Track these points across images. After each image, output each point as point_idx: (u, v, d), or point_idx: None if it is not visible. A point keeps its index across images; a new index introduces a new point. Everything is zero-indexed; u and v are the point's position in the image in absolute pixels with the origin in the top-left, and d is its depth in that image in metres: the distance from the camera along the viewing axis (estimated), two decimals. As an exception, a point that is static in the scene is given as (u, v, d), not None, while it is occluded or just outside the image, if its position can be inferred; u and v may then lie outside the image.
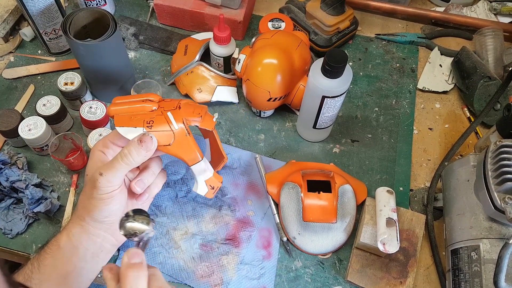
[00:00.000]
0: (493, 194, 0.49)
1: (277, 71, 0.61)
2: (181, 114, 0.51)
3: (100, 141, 0.49)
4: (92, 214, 0.46)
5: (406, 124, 0.72)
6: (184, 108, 0.52)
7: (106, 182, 0.45)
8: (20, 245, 0.58)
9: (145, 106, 0.50)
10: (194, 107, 0.54)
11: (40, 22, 0.70)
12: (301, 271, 0.58)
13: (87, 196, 0.46)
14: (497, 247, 0.49)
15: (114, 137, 0.49)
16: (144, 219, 0.42)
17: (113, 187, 0.45)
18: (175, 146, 0.49)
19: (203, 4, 0.76)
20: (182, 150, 0.50)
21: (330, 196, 0.58)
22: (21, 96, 0.71)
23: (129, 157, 0.45)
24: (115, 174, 0.45)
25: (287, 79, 0.63)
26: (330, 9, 0.74)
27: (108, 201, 0.46)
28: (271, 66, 0.61)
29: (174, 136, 0.49)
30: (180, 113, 0.51)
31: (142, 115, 0.49)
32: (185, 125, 0.50)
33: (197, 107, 0.54)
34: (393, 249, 0.51)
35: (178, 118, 0.50)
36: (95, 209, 0.46)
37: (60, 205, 0.60)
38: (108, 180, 0.45)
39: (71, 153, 0.64)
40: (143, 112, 0.50)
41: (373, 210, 0.57)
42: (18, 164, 0.60)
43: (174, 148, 0.50)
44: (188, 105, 0.53)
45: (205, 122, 0.54)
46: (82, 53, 0.62)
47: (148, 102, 0.51)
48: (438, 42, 0.81)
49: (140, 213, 0.42)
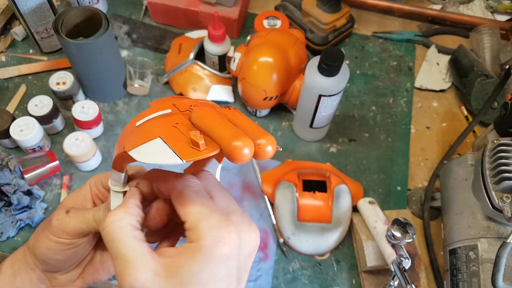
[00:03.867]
0: (491, 193, 0.49)
1: (273, 69, 0.61)
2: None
3: (97, 175, 0.37)
4: (34, 247, 0.36)
5: (403, 123, 0.71)
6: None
7: (63, 227, 0.33)
8: (12, 249, 0.57)
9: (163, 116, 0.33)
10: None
11: (31, 21, 0.69)
12: (298, 273, 0.57)
13: (42, 226, 0.35)
14: (495, 246, 0.49)
15: (106, 176, 0.36)
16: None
17: (66, 237, 0.34)
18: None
19: (197, 2, 0.75)
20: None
21: (325, 196, 0.57)
22: (13, 96, 0.70)
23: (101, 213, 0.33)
24: (78, 223, 0.33)
25: (283, 77, 0.62)
26: (326, 6, 0.73)
27: (53, 245, 0.34)
28: (267, 64, 0.60)
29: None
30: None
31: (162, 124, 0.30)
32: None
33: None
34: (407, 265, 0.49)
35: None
36: (39, 244, 0.35)
37: (44, 217, 0.59)
38: (66, 225, 0.33)
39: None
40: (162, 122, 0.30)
41: (364, 227, 0.56)
42: (10, 166, 0.59)
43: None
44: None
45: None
46: (74, 52, 0.61)
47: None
48: (435, 40, 0.81)
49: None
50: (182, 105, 0.31)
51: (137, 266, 0.26)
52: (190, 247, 0.27)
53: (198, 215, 0.28)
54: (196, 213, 0.28)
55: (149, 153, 0.26)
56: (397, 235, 0.48)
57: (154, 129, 0.27)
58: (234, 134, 0.26)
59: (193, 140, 0.25)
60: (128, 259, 0.27)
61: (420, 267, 0.55)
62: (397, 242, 0.50)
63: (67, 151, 0.59)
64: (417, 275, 0.55)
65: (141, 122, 0.29)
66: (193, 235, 0.27)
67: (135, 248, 0.27)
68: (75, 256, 0.36)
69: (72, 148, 0.59)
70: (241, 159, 0.25)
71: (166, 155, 0.25)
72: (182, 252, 0.27)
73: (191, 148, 0.25)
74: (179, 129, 0.27)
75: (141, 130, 0.28)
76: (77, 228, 0.33)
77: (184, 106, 0.31)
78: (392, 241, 0.50)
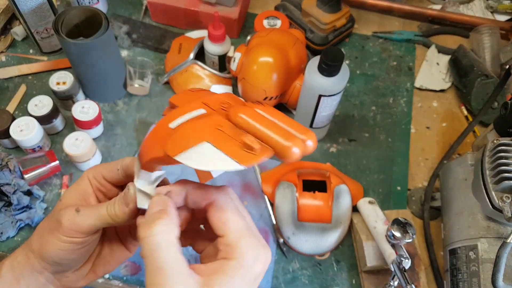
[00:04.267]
0: (490, 193, 0.49)
1: (273, 69, 0.61)
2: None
3: (94, 167, 0.36)
4: (43, 251, 0.35)
5: (403, 123, 0.71)
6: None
7: (75, 226, 0.33)
8: (12, 249, 0.57)
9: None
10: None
11: (31, 21, 0.69)
12: (298, 273, 0.57)
13: (48, 228, 0.35)
14: (495, 246, 0.49)
15: (107, 170, 0.36)
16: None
17: (79, 235, 0.34)
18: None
19: (198, 2, 0.75)
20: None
21: (325, 196, 0.57)
22: (13, 96, 0.70)
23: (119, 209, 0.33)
24: (91, 221, 0.33)
25: (283, 77, 0.62)
26: (326, 6, 0.73)
27: (66, 246, 0.34)
28: (267, 64, 0.60)
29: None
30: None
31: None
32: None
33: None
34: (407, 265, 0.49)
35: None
36: (49, 247, 0.34)
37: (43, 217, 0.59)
38: (78, 223, 0.33)
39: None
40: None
41: (364, 227, 0.56)
42: (10, 166, 0.59)
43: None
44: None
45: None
46: (74, 52, 0.61)
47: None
48: (435, 40, 0.81)
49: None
50: (212, 102, 0.30)
51: (178, 281, 0.26)
52: (229, 265, 0.28)
53: (238, 233, 0.29)
54: (236, 231, 0.29)
55: (201, 158, 0.25)
56: (397, 235, 0.48)
57: (197, 132, 0.27)
58: (285, 135, 0.26)
59: (247, 144, 0.25)
60: (169, 272, 0.26)
61: (420, 267, 0.55)
62: (397, 242, 0.50)
63: (67, 151, 0.59)
64: (417, 275, 0.55)
65: (177, 124, 0.28)
66: (233, 252, 0.28)
67: (178, 262, 0.27)
68: (87, 253, 0.36)
69: (72, 148, 0.59)
70: (294, 158, 0.26)
71: (222, 161, 0.25)
72: (221, 269, 0.28)
73: (246, 153, 0.25)
74: (225, 132, 0.26)
75: (181, 133, 0.27)
76: (92, 226, 0.33)
77: (215, 103, 0.30)
78: (392, 241, 0.50)
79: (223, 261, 0.28)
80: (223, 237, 0.29)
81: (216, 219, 0.29)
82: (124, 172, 0.35)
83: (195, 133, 0.27)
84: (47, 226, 0.35)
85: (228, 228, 0.29)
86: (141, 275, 0.55)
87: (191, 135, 0.27)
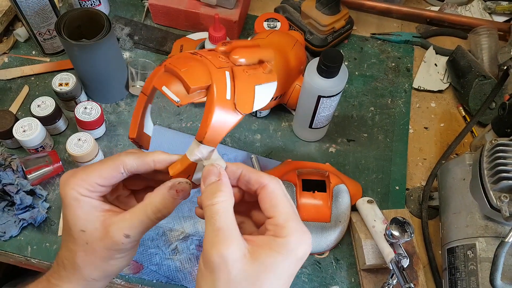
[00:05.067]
0: (488, 192, 0.49)
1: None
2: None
3: (81, 182, 0.35)
4: (111, 273, 0.37)
5: (401, 123, 0.72)
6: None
7: (133, 242, 0.35)
8: (15, 248, 0.58)
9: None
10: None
11: (34, 22, 0.69)
12: (298, 271, 0.57)
13: (100, 258, 0.35)
14: (493, 245, 0.49)
15: (104, 178, 0.35)
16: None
17: (137, 242, 0.37)
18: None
19: (198, 4, 0.76)
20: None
21: (324, 195, 0.58)
22: (16, 97, 0.71)
23: (165, 211, 0.35)
24: (143, 232, 0.35)
25: (282, 78, 0.63)
26: (326, 8, 0.74)
27: (130, 255, 0.38)
28: (267, 66, 0.61)
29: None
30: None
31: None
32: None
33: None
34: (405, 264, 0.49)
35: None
36: (115, 268, 0.37)
37: (47, 217, 0.59)
38: (135, 240, 0.35)
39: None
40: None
41: (363, 226, 0.57)
42: (12, 166, 0.60)
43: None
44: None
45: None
46: (77, 54, 0.62)
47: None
48: (433, 41, 0.82)
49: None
50: (218, 63, 0.36)
51: (233, 243, 0.30)
52: (277, 241, 0.31)
53: (287, 215, 0.32)
54: (285, 214, 0.32)
55: (262, 97, 0.38)
56: (396, 234, 0.49)
57: (245, 86, 0.36)
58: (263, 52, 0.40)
59: (268, 69, 0.39)
60: (228, 233, 0.30)
61: (418, 266, 0.56)
62: (396, 241, 0.50)
63: (70, 152, 0.59)
64: (416, 274, 0.55)
65: (230, 94, 0.35)
66: (282, 231, 0.31)
67: (234, 226, 0.31)
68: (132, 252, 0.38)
69: (74, 149, 0.60)
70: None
71: (270, 87, 0.39)
72: (268, 243, 0.31)
73: (269, 74, 0.39)
74: (250, 72, 0.38)
75: (239, 96, 0.35)
76: (143, 232, 0.35)
77: (220, 62, 0.37)
78: (390, 240, 0.51)
79: (271, 237, 0.32)
80: (273, 218, 0.32)
81: (268, 201, 0.33)
82: (133, 171, 0.36)
83: (245, 86, 0.36)
84: (95, 257, 0.35)
85: (278, 210, 0.32)
86: (143, 273, 0.56)
87: (245, 90, 0.36)
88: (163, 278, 0.56)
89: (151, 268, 0.56)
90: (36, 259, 0.57)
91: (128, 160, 0.36)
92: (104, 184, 0.35)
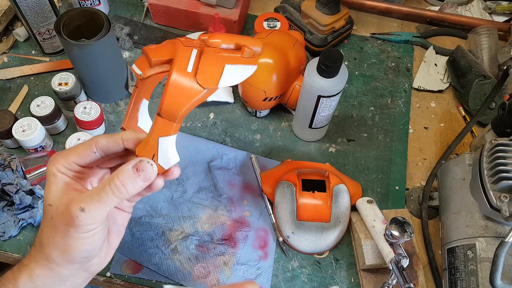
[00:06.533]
0: (488, 192, 0.49)
1: (273, 70, 0.61)
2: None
3: (61, 159, 0.36)
4: (68, 256, 0.36)
5: (401, 123, 0.72)
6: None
7: (90, 219, 0.34)
8: (15, 248, 0.58)
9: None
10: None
11: (33, 22, 0.69)
12: (297, 271, 0.57)
13: (60, 234, 0.35)
14: (493, 245, 0.49)
15: (80, 156, 0.37)
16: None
17: (97, 223, 0.35)
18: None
19: (198, 3, 0.76)
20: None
21: (324, 195, 0.58)
22: (15, 97, 0.71)
23: (123, 189, 0.35)
24: (102, 209, 0.35)
25: (282, 78, 0.63)
26: (325, 8, 0.74)
27: (90, 240, 0.36)
28: (267, 65, 0.61)
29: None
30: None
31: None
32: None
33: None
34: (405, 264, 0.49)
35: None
36: (73, 250, 0.36)
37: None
38: (93, 216, 0.34)
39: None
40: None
41: (363, 226, 0.57)
42: (12, 166, 0.60)
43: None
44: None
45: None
46: (76, 54, 0.61)
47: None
48: (433, 41, 0.82)
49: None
50: (192, 43, 0.37)
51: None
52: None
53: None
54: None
55: (232, 76, 0.36)
56: (396, 234, 0.49)
57: (213, 62, 0.36)
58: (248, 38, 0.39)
59: (246, 52, 0.37)
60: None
61: (418, 266, 0.56)
62: (395, 241, 0.50)
63: None
64: (415, 274, 0.55)
65: (192, 66, 0.35)
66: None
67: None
68: (107, 231, 0.38)
69: None
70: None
71: (245, 69, 0.37)
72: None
73: (248, 58, 0.38)
74: (225, 54, 0.37)
75: (202, 69, 0.35)
76: (104, 214, 0.35)
77: (194, 43, 0.38)
78: (390, 240, 0.51)
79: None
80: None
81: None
82: (105, 150, 0.37)
83: (213, 63, 0.35)
84: (56, 233, 0.35)
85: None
86: (142, 273, 0.56)
87: (212, 66, 0.35)
88: (163, 278, 0.56)
89: (151, 268, 0.56)
90: (36, 259, 0.57)
91: (99, 139, 0.37)
92: (79, 163, 0.37)
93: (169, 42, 0.38)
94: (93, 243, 0.36)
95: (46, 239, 0.36)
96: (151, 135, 0.35)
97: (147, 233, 0.58)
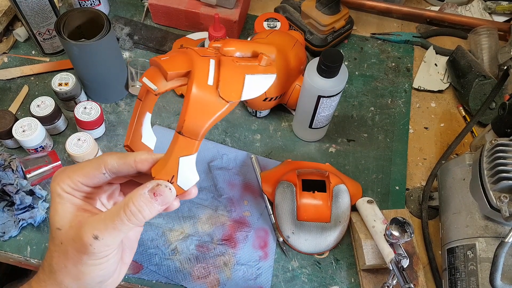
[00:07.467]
0: (488, 192, 0.49)
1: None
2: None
3: (66, 179, 0.33)
4: (82, 283, 0.34)
5: (401, 123, 0.72)
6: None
7: (104, 246, 0.32)
8: (15, 248, 0.58)
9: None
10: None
11: (33, 22, 0.69)
12: (297, 271, 0.57)
13: (71, 261, 0.33)
14: (493, 245, 0.49)
15: (87, 177, 0.34)
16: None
17: (112, 249, 0.33)
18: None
19: (198, 3, 0.76)
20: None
21: (324, 195, 0.58)
22: (15, 97, 0.71)
23: (139, 216, 0.32)
24: (117, 236, 0.32)
25: (282, 78, 0.63)
26: (326, 8, 0.74)
27: (104, 265, 0.34)
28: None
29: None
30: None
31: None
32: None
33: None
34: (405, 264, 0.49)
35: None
36: (87, 276, 0.34)
37: (46, 217, 0.59)
38: (107, 244, 0.32)
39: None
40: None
41: (363, 226, 0.57)
42: (12, 166, 0.60)
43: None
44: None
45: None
46: (76, 54, 0.61)
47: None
48: (433, 41, 0.82)
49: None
50: (207, 53, 0.35)
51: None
52: None
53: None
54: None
55: (253, 88, 0.34)
56: (396, 234, 0.49)
57: (233, 74, 0.34)
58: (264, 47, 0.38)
59: (264, 60, 0.36)
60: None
61: (418, 266, 0.56)
62: (396, 241, 0.50)
63: (69, 151, 0.59)
64: (415, 274, 0.55)
65: (212, 79, 0.33)
66: None
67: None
68: (120, 254, 0.36)
69: (74, 149, 0.59)
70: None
71: (265, 79, 0.36)
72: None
73: (266, 67, 0.36)
74: (243, 63, 0.35)
75: (223, 82, 0.33)
76: (118, 240, 0.33)
77: (209, 52, 0.36)
78: (390, 240, 0.51)
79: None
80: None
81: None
82: (115, 172, 0.34)
83: (233, 74, 0.34)
84: (67, 260, 0.33)
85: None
86: (142, 274, 0.56)
87: (232, 77, 0.33)
88: (163, 279, 0.56)
89: (151, 268, 0.56)
90: (36, 259, 0.57)
91: (109, 159, 0.33)
92: (86, 183, 0.34)
93: (182, 52, 0.34)
94: (108, 268, 0.34)
95: (57, 265, 0.34)
96: (171, 155, 0.32)
97: (147, 233, 0.58)
